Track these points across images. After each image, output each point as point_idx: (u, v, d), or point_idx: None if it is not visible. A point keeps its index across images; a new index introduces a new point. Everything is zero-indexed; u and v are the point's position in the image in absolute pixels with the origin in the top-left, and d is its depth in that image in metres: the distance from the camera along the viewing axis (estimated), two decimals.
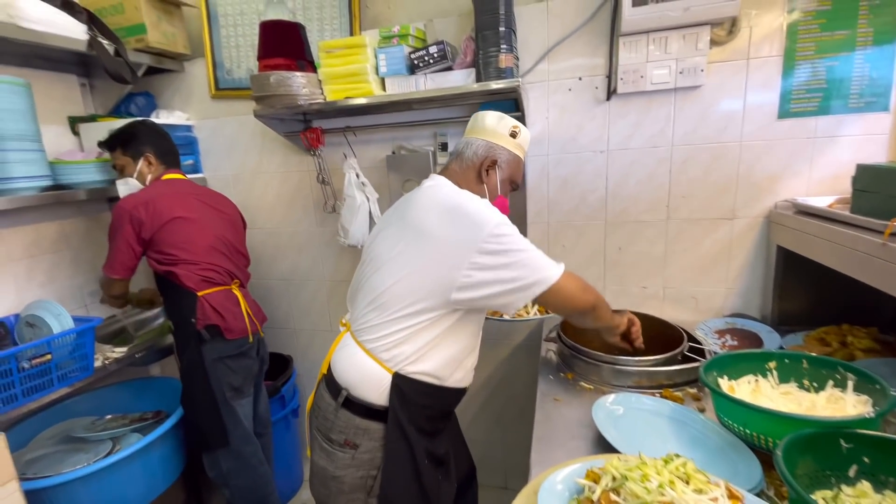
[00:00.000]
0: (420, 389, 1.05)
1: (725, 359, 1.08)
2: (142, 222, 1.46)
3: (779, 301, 1.49)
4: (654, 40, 1.40)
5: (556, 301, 1.01)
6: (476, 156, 1.14)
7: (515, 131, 1.15)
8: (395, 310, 1.02)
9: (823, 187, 1.42)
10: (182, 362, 1.60)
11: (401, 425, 1.04)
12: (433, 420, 1.12)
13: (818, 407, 0.94)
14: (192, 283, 1.52)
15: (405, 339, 1.03)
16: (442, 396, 1.11)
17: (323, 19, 1.77)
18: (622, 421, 1.05)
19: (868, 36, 1.34)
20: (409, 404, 1.05)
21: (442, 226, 0.99)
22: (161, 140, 1.63)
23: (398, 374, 1.04)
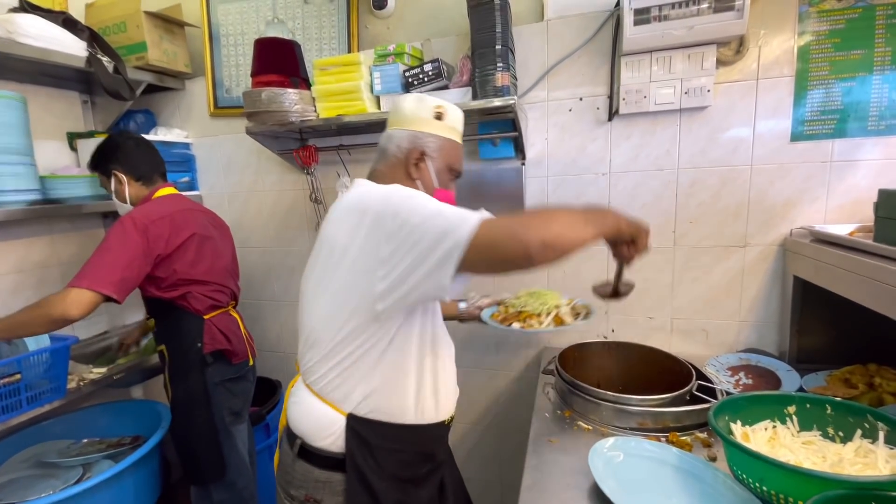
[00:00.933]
0: (381, 431, 0.92)
1: (739, 401, 0.98)
2: (159, 237, 1.33)
3: (797, 336, 1.38)
4: (657, 60, 1.35)
5: (486, 261, 0.78)
6: (400, 150, 0.99)
7: (440, 112, 0.99)
8: (328, 341, 0.90)
9: (843, 214, 1.33)
10: (175, 391, 1.50)
11: (362, 475, 0.91)
12: (409, 465, 0.97)
13: (845, 461, 0.83)
14: (202, 306, 1.45)
15: (348, 373, 0.90)
16: (410, 436, 0.95)
17: (322, 39, 1.76)
18: (622, 469, 0.94)
19: (886, 56, 1.28)
20: (372, 449, 0.92)
21: (346, 232, 0.86)
22: (131, 153, 1.48)
23: (352, 415, 0.91)
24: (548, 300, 1.24)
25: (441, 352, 0.99)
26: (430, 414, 0.97)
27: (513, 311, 1.25)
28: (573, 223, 0.80)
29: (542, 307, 1.22)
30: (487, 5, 1.29)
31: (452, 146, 1.03)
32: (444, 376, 1.00)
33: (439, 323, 1.00)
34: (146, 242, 1.31)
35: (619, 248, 0.92)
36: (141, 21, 1.73)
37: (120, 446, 1.66)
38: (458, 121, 1.06)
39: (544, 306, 1.22)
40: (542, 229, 0.76)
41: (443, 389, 0.99)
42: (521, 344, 1.72)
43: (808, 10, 1.30)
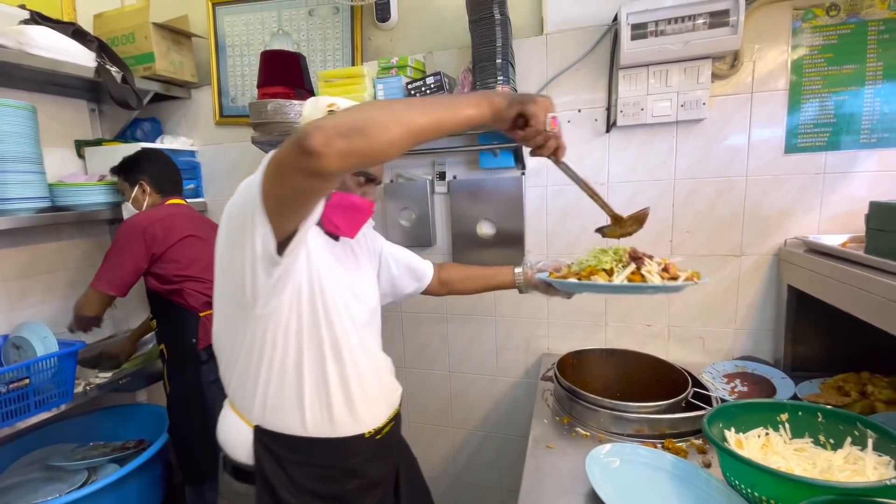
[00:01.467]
0: (286, 443, 0.88)
1: (733, 408, 1.00)
2: (155, 237, 1.47)
3: (792, 344, 1.40)
4: (654, 73, 1.38)
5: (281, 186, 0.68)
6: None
7: (332, 110, 0.89)
8: (226, 350, 0.90)
9: (835, 225, 1.35)
10: (172, 388, 1.57)
11: (272, 489, 0.87)
12: (329, 481, 0.91)
13: (834, 468, 0.85)
14: (197, 303, 1.51)
15: (246, 382, 0.88)
16: (321, 449, 0.90)
17: (326, 51, 1.80)
18: (618, 475, 0.96)
19: (878, 70, 1.30)
20: (281, 462, 0.88)
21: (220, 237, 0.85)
22: (160, 169, 1.65)
23: (258, 427, 0.88)
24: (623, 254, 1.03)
25: (349, 360, 0.91)
26: (343, 427, 0.91)
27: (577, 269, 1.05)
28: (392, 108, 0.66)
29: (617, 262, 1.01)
30: (488, 20, 1.32)
31: None
32: (360, 386, 0.93)
33: (346, 330, 0.91)
34: (143, 242, 1.46)
35: (513, 132, 0.83)
36: (149, 32, 1.77)
37: (125, 450, 1.69)
38: None
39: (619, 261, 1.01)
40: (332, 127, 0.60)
41: (359, 400, 0.92)
42: (520, 350, 1.74)
43: (801, 25, 1.33)
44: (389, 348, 1.87)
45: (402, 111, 0.66)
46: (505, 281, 1.26)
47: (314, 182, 0.65)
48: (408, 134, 0.65)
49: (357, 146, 0.61)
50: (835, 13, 1.30)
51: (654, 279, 0.95)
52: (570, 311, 1.65)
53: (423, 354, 1.87)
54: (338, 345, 0.90)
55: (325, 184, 0.66)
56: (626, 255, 1.01)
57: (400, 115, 0.65)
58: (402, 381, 1.03)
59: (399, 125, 0.64)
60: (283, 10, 1.83)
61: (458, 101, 0.74)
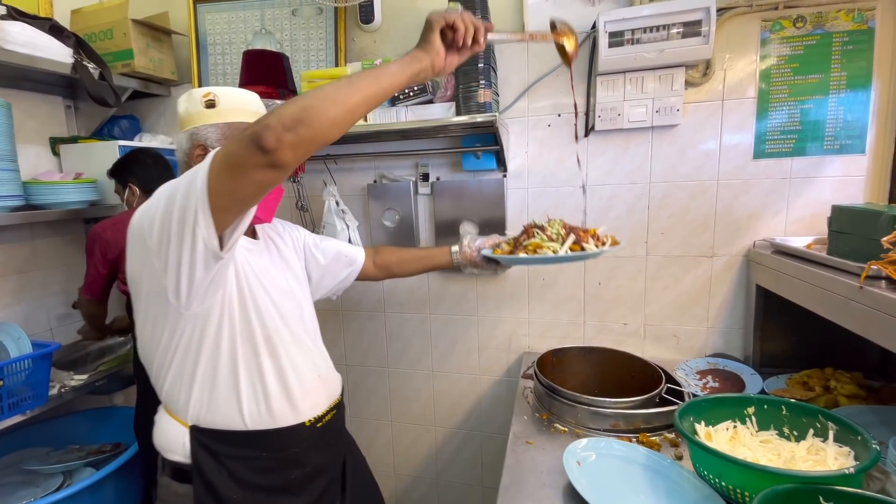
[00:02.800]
0: (224, 439, 0.90)
1: (703, 403, 1.04)
2: (107, 243, 1.48)
3: (761, 341, 1.46)
4: (630, 80, 1.42)
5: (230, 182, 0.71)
6: (182, 152, 0.95)
7: (211, 99, 0.93)
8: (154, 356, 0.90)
9: (801, 227, 1.42)
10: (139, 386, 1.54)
11: (211, 486, 0.88)
12: (271, 472, 0.92)
13: (797, 458, 0.90)
14: None
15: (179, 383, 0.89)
16: (261, 441, 0.91)
17: (309, 51, 1.80)
18: (594, 469, 0.99)
19: (841, 80, 1.37)
20: (219, 458, 0.89)
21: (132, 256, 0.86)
22: (147, 169, 1.62)
23: (194, 426, 0.89)
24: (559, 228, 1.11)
25: (282, 351, 0.94)
26: (282, 417, 0.92)
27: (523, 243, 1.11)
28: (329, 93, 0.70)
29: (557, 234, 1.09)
30: None
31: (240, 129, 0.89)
32: (297, 377, 0.95)
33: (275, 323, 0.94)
34: (98, 248, 1.50)
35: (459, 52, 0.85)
36: (128, 28, 1.74)
37: (101, 453, 1.66)
38: (240, 100, 0.97)
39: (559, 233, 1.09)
40: (275, 118, 0.66)
41: (296, 390, 0.94)
42: (501, 349, 1.77)
43: (769, 36, 1.39)
44: (372, 348, 1.90)
45: (334, 93, 0.70)
46: (442, 261, 1.27)
47: (271, 174, 0.70)
48: (347, 112, 0.71)
49: (303, 135, 0.67)
50: (801, 25, 1.37)
51: (590, 247, 1.07)
52: (550, 311, 1.68)
53: (406, 355, 1.89)
54: (270, 339, 0.92)
55: (281, 175, 0.71)
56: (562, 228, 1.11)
57: (334, 96, 0.70)
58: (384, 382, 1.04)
59: (336, 106, 0.69)
60: (266, 9, 1.83)
61: (384, 68, 0.78)
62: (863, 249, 0.98)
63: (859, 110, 1.36)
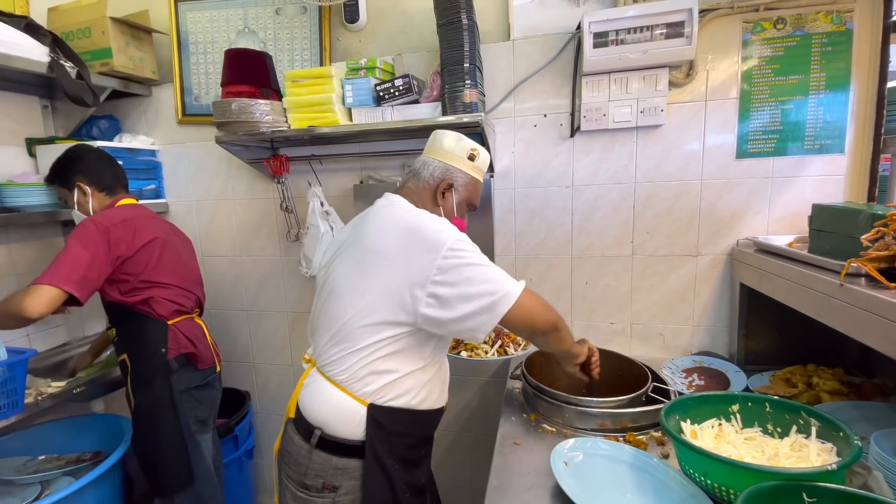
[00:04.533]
0: (397, 418, 1.02)
1: (688, 401, 1.04)
2: (120, 240, 1.34)
3: (745, 339, 1.47)
4: (615, 80, 1.43)
5: (520, 318, 0.95)
6: (433, 178, 1.11)
7: (474, 154, 1.12)
8: (360, 338, 0.98)
9: (783, 226, 1.44)
10: (138, 399, 1.47)
11: (380, 459, 1.00)
12: (414, 448, 1.09)
13: (781, 455, 0.91)
14: (166, 311, 1.44)
15: (375, 368, 0.98)
16: (421, 420, 1.07)
17: (294, 50, 1.78)
18: (581, 469, 0.99)
19: (821, 81, 1.39)
20: (387, 435, 1.01)
21: (400, 246, 0.96)
22: (93, 164, 1.48)
23: (373, 405, 0.99)
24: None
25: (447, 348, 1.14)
26: (437, 402, 1.10)
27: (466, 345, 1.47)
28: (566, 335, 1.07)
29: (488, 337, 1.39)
30: (455, 25, 1.34)
31: (476, 185, 1.16)
32: (447, 366, 1.14)
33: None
34: (107, 244, 1.32)
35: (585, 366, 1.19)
36: (106, 27, 1.70)
37: (80, 462, 1.61)
38: (486, 163, 1.17)
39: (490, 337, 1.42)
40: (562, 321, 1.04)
41: (446, 379, 1.13)
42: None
43: (750, 37, 1.41)
44: None
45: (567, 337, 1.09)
46: None
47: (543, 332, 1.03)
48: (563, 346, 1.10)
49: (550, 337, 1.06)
50: (781, 26, 1.39)
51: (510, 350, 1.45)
52: None
53: None
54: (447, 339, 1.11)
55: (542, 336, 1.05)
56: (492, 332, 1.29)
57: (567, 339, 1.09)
58: None
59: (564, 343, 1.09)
60: (249, 7, 1.80)
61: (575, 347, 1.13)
62: (843, 247, 0.99)
63: (838, 111, 1.38)
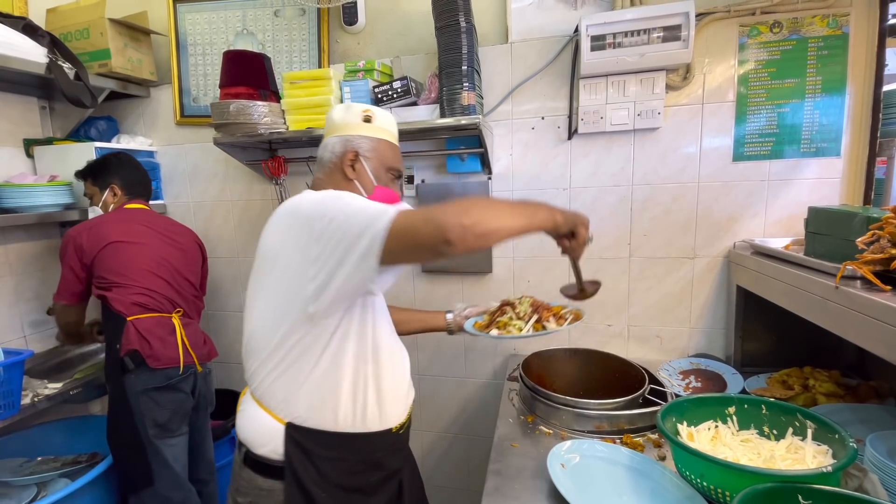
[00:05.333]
0: (318, 440, 0.92)
1: (685, 403, 1.05)
2: (82, 247, 1.47)
3: (741, 341, 1.48)
4: (612, 83, 1.44)
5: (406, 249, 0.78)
6: (335, 155, 1.03)
7: (368, 115, 1.04)
8: (264, 348, 0.91)
9: (779, 228, 1.44)
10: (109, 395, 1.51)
11: (301, 483, 0.91)
12: (355, 475, 0.97)
13: (777, 457, 0.91)
14: (123, 307, 1.46)
15: (284, 379, 0.91)
16: (351, 444, 0.95)
17: (292, 52, 1.78)
18: (578, 471, 0.99)
19: (817, 85, 1.40)
20: (311, 457, 0.92)
21: (277, 238, 0.89)
22: (131, 172, 1.65)
23: (290, 424, 0.91)
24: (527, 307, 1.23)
25: (384, 361, 0.98)
26: (372, 422, 0.96)
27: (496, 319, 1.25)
28: (500, 212, 0.80)
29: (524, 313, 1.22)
30: (454, 27, 1.35)
31: (387, 146, 1.06)
32: (389, 384, 0.99)
33: (384, 332, 0.99)
34: (75, 253, 1.48)
35: (560, 241, 0.97)
36: (105, 28, 1.70)
37: (76, 464, 1.61)
38: (389, 122, 1.08)
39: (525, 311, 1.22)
40: (462, 214, 0.75)
41: (388, 398, 0.98)
42: (487, 352, 1.76)
43: (747, 41, 1.41)
44: None
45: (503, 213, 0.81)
46: (439, 325, 1.35)
47: (439, 258, 0.79)
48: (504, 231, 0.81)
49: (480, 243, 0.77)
50: (777, 30, 1.39)
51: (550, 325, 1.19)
52: None
53: None
54: (378, 348, 0.97)
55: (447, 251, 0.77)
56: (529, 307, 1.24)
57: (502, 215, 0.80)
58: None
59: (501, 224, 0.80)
60: (248, 9, 1.81)
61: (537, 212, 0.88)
62: (839, 250, 0.99)
63: (834, 114, 1.39)
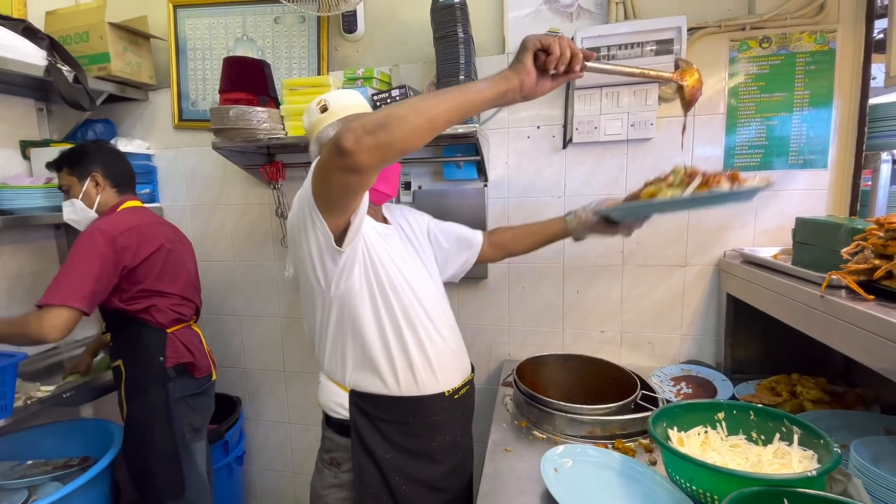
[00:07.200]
0: (376, 403, 1.03)
1: (675, 409, 1.07)
2: (126, 249, 1.33)
3: (731, 349, 1.50)
4: (606, 94, 1.47)
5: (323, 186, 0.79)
6: (314, 155, 1.05)
7: (323, 104, 1.03)
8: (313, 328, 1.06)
9: (768, 238, 1.47)
10: (131, 407, 1.46)
11: (365, 446, 1.03)
12: (416, 437, 1.06)
13: (764, 462, 0.93)
14: (166, 319, 1.45)
15: (334, 352, 1.04)
16: (407, 407, 1.05)
17: (292, 59, 1.80)
18: (570, 475, 1.01)
19: (805, 98, 1.43)
20: (374, 420, 1.03)
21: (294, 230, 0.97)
22: (113, 160, 1.51)
23: (353, 391, 1.04)
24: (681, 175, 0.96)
25: (422, 327, 1.04)
26: (424, 385, 1.04)
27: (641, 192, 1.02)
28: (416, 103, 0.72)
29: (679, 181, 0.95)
30: (451, 38, 1.37)
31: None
32: (432, 348, 1.05)
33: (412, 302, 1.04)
34: (114, 254, 1.30)
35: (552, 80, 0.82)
36: (105, 32, 1.71)
37: (68, 468, 1.60)
38: (349, 99, 1.04)
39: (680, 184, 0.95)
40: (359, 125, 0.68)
41: (435, 361, 1.05)
42: (482, 357, 1.78)
43: (737, 55, 1.45)
44: None
45: (419, 102, 0.72)
46: (557, 231, 1.25)
47: (352, 177, 0.74)
48: (428, 121, 0.71)
49: (382, 140, 0.69)
50: (767, 45, 1.43)
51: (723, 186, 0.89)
52: (530, 319, 1.70)
53: None
54: (408, 315, 1.03)
55: (362, 178, 0.74)
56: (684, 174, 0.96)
57: (418, 105, 0.72)
58: None
59: (418, 115, 0.71)
60: (248, 15, 1.82)
61: (472, 84, 0.78)
62: (824, 260, 1.02)
63: (821, 127, 1.43)
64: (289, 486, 2.13)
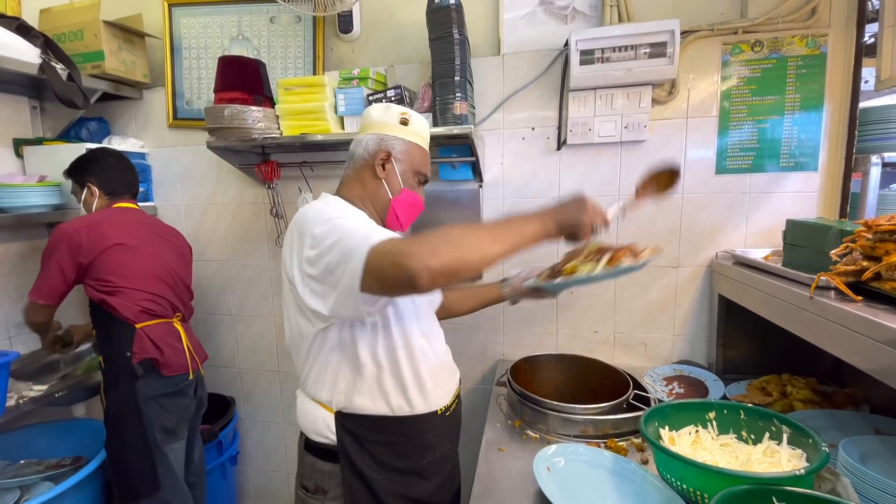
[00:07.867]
0: (366, 424, 1.00)
1: (667, 409, 1.08)
2: (80, 246, 1.41)
3: (723, 349, 1.52)
4: (600, 96, 1.48)
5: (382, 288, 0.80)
6: (367, 152, 1.04)
7: (405, 118, 1.05)
8: (299, 347, 1.00)
9: (759, 239, 1.49)
10: (109, 401, 1.49)
11: (355, 468, 0.99)
12: (407, 457, 1.03)
13: (754, 460, 0.94)
14: (131, 313, 1.45)
15: (322, 374, 0.99)
16: (399, 427, 1.01)
17: (287, 58, 1.80)
18: (563, 474, 1.01)
19: (796, 102, 1.45)
20: (362, 442, 1.00)
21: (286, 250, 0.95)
22: (110, 170, 1.60)
23: (339, 412, 1.00)
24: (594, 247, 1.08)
25: (416, 346, 1.01)
26: (417, 406, 1.02)
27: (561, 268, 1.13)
28: (477, 241, 0.79)
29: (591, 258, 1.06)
30: (447, 39, 1.38)
31: (418, 151, 1.08)
32: (427, 368, 1.03)
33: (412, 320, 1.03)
34: (68, 250, 1.41)
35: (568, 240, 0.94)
36: (99, 30, 1.71)
37: (60, 467, 1.59)
38: (424, 128, 1.09)
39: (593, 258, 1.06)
40: (430, 255, 0.73)
41: (428, 380, 1.02)
42: (476, 358, 1.79)
43: (729, 59, 1.46)
44: None
45: (481, 242, 0.80)
46: (494, 296, 1.34)
47: (410, 291, 0.81)
48: (484, 260, 0.79)
49: (453, 280, 0.77)
50: (759, 49, 1.45)
51: (625, 262, 1.03)
52: (525, 319, 1.71)
53: None
54: (408, 335, 1.01)
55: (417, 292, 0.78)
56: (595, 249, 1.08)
57: (480, 245, 0.79)
58: None
59: (479, 254, 0.78)
60: (244, 15, 1.82)
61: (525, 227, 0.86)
62: (814, 261, 1.04)
63: (812, 130, 1.44)
64: (283, 487, 2.12)
